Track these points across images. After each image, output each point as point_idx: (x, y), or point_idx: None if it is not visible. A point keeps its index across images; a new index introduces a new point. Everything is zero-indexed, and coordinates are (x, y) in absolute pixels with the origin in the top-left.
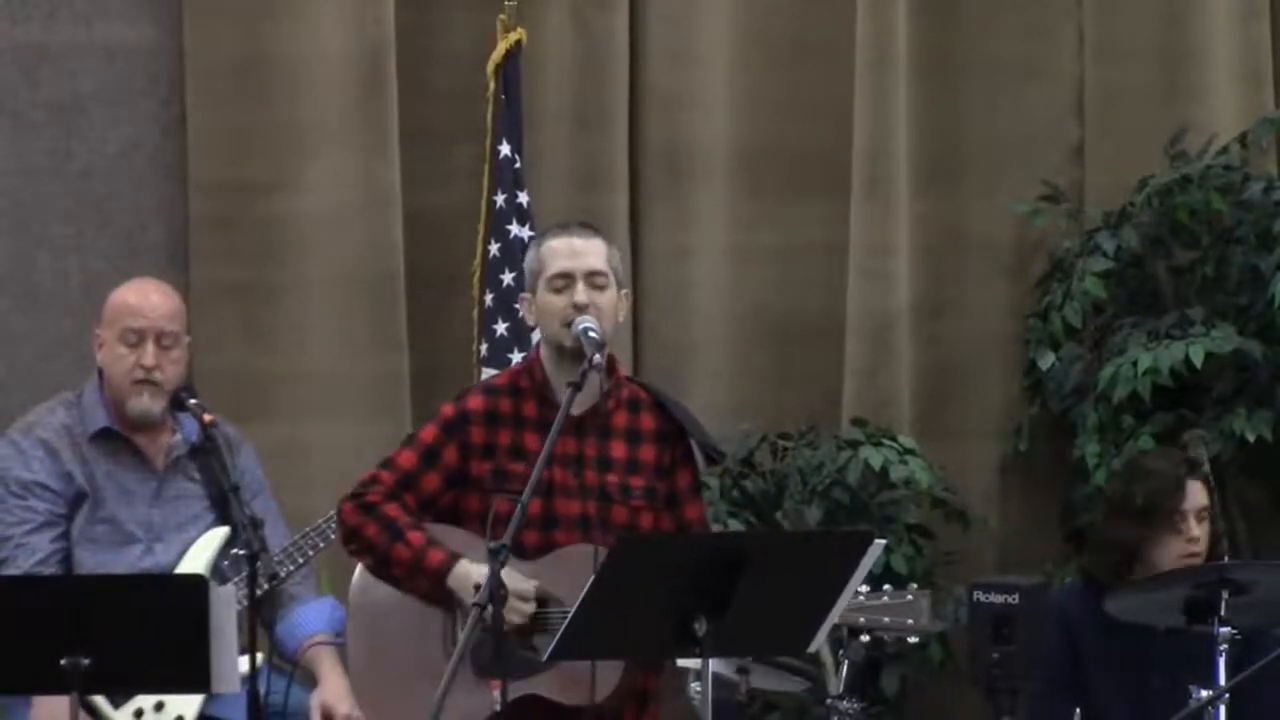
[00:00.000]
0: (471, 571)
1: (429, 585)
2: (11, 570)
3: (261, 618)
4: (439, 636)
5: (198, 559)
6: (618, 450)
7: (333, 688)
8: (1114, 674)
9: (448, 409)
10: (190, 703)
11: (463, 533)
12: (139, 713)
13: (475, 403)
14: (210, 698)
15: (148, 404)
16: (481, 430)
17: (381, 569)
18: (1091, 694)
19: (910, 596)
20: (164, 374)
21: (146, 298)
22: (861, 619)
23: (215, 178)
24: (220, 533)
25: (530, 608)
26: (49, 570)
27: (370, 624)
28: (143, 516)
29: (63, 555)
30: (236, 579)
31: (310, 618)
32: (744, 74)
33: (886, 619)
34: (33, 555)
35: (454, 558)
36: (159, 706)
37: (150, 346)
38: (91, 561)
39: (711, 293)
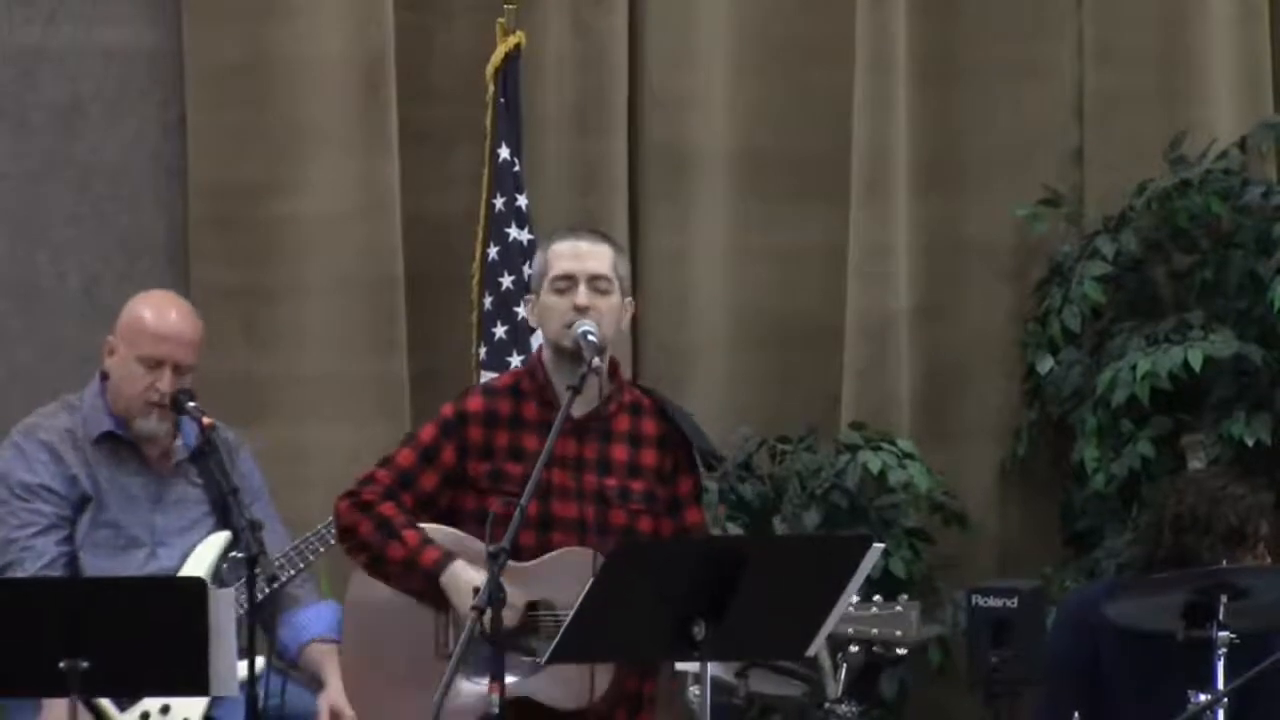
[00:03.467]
0: (464, 573)
1: (422, 584)
2: (18, 574)
3: (261, 620)
4: (431, 638)
5: (200, 564)
6: (619, 454)
7: (339, 689)
8: (1135, 680)
9: (447, 409)
10: (195, 706)
11: (457, 533)
12: (145, 716)
13: (475, 404)
14: (215, 701)
15: (155, 425)
16: (480, 430)
17: (375, 567)
18: (1108, 700)
19: (900, 608)
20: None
21: (169, 322)
22: (851, 629)
23: (215, 180)
24: (222, 537)
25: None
26: (55, 574)
27: (363, 625)
28: (145, 521)
29: (68, 559)
30: (237, 584)
31: (312, 620)
32: (744, 76)
33: (875, 630)
34: (40, 559)
35: (449, 557)
36: (165, 709)
37: (168, 374)
38: (97, 566)
39: (711, 295)
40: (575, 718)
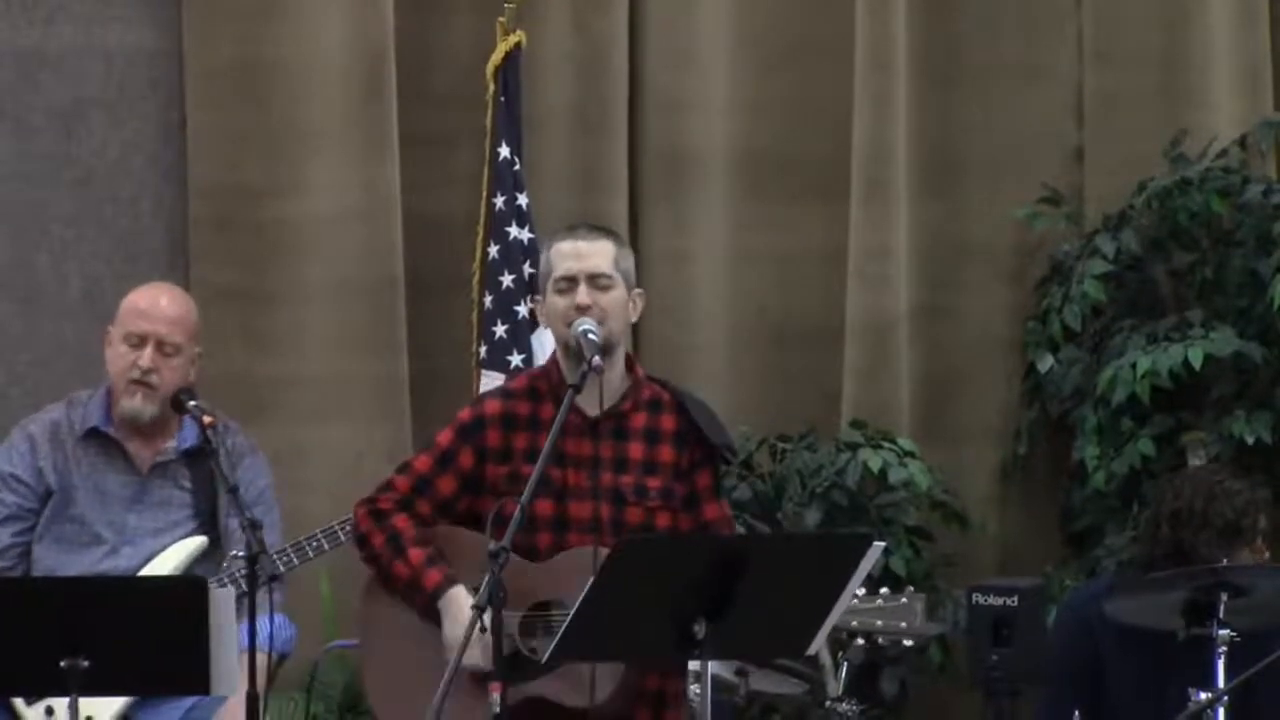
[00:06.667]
0: (461, 598)
1: (424, 604)
2: None
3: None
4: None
5: (162, 567)
6: (635, 451)
7: (234, 708)
8: (1135, 679)
9: (465, 414)
10: (106, 706)
11: (477, 535)
12: (50, 710)
13: (492, 407)
14: (137, 704)
15: (139, 405)
16: (498, 434)
17: (384, 581)
18: (1108, 698)
19: (905, 600)
20: (160, 378)
21: (155, 303)
22: (856, 622)
23: (215, 181)
24: (195, 542)
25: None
26: (4, 563)
27: (381, 622)
28: (117, 519)
29: (22, 549)
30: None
31: (259, 629)
32: (743, 77)
33: (880, 622)
34: None
35: (450, 582)
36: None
37: (149, 350)
38: (50, 559)
39: (711, 296)
40: (589, 717)
